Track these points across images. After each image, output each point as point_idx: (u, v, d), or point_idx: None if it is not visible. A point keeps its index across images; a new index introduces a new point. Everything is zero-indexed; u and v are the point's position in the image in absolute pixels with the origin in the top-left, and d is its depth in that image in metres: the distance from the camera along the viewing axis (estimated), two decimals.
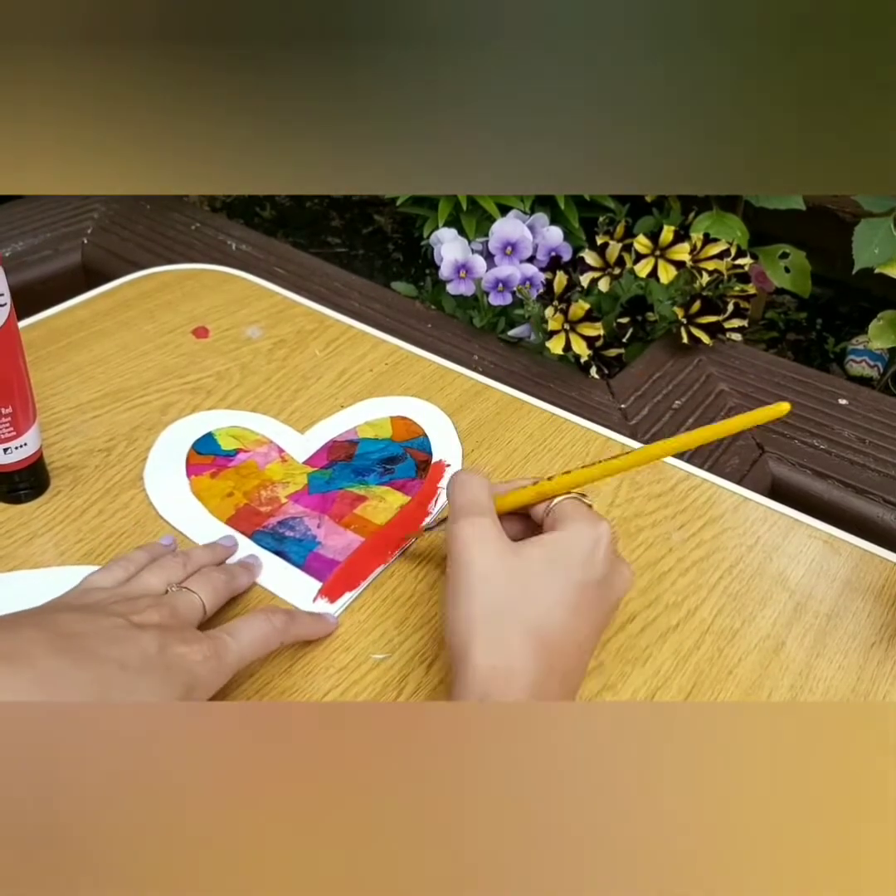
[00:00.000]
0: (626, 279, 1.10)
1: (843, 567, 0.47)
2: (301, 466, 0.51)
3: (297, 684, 0.40)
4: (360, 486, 0.49)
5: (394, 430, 0.53)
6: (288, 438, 0.53)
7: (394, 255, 1.72)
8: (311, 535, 0.46)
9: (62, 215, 1.35)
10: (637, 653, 0.42)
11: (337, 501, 0.48)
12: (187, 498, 0.48)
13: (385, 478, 0.50)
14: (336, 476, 0.50)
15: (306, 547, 0.46)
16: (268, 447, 0.52)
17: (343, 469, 0.51)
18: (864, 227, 1.15)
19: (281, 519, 0.47)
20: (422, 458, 0.52)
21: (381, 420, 0.54)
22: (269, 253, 1.29)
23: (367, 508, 0.48)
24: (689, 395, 1.02)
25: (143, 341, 0.61)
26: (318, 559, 0.45)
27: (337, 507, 0.48)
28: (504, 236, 1.13)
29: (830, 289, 1.60)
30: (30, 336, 0.60)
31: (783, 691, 0.41)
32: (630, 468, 0.39)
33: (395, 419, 0.54)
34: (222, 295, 0.67)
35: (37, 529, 0.46)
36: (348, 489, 0.49)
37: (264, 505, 0.48)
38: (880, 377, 1.35)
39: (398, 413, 0.55)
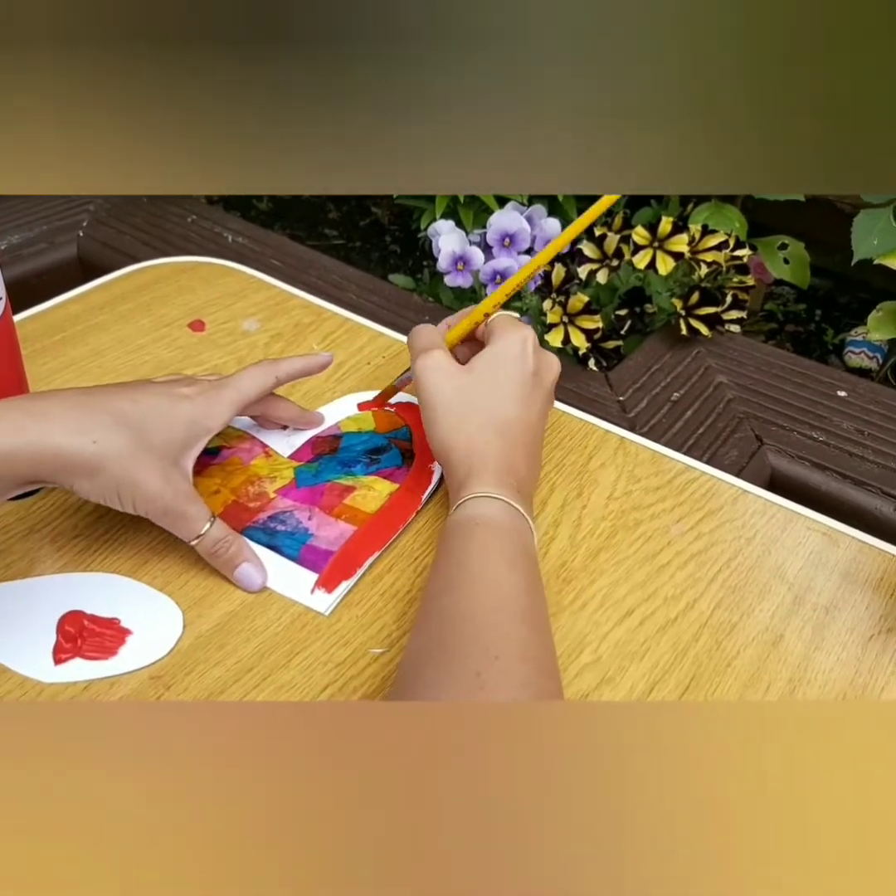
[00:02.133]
0: (624, 271, 1.10)
1: (842, 559, 0.47)
2: (286, 461, 0.51)
3: (294, 679, 0.40)
4: (348, 476, 0.49)
5: (376, 422, 0.53)
6: (270, 435, 0.52)
7: (391, 247, 1.71)
8: (302, 528, 0.46)
9: (58, 208, 1.35)
10: (635, 646, 0.42)
11: (326, 493, 0.48)
12: None
13: (372, 468, 0.50)
14: (323, 469, 0.50)
15: (299, 540, 0.46)
16: (251, 443, 0.52)
17: (329, 462, 0.50)
18: (863, 219, 1.15)
19: (271, 514, 0.47)
20: (406, 448, 0.52)
21: (362, 414, 0.54)
22: (266, 245, 1.28)
23: (356, 498, 0.48)
24: (688, 387, 1.02)
25: (140, 335, 0.61)
26: (311, 551, 0.45)
27: (326, 499, 0.48)
28: (502, 228, 1.13)
29: (829, 280, 1.60)
30: (25, 330, 0.60)
31: (781, 684, 0.41)
32: (547, 258, 0.48)
33: (376, 412, 0.54)
34: (219, 288, 0.66)
35: (34, 524, 0.46)
36: (336, 481, 0.49)
37: (253, 500, 0.48)
38: (879, 369, 1.35)
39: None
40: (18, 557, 0.44)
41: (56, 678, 0.39)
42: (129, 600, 0.42)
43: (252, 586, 0.43)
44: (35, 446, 0.37)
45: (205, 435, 0.44)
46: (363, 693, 0.39)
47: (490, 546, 0.39)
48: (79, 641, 0.40)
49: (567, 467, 0.52)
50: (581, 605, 0.44)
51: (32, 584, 0.43)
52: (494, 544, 0.40)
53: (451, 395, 0.45)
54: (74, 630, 0.41)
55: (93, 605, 0.42)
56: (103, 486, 0.39)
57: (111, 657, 0.40)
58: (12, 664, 0.39)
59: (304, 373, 0.50)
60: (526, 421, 0.45)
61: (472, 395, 0.45)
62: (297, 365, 0.49)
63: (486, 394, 0.45)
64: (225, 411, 0.44)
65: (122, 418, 0.40)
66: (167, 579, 0.44)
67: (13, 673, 0.39)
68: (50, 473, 0.38)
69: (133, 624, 0.41)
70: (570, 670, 0.41)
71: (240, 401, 0.45)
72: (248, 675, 0.40)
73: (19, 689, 0.39)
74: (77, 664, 0.39)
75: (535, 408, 0.46)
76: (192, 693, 0.39)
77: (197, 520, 0.42)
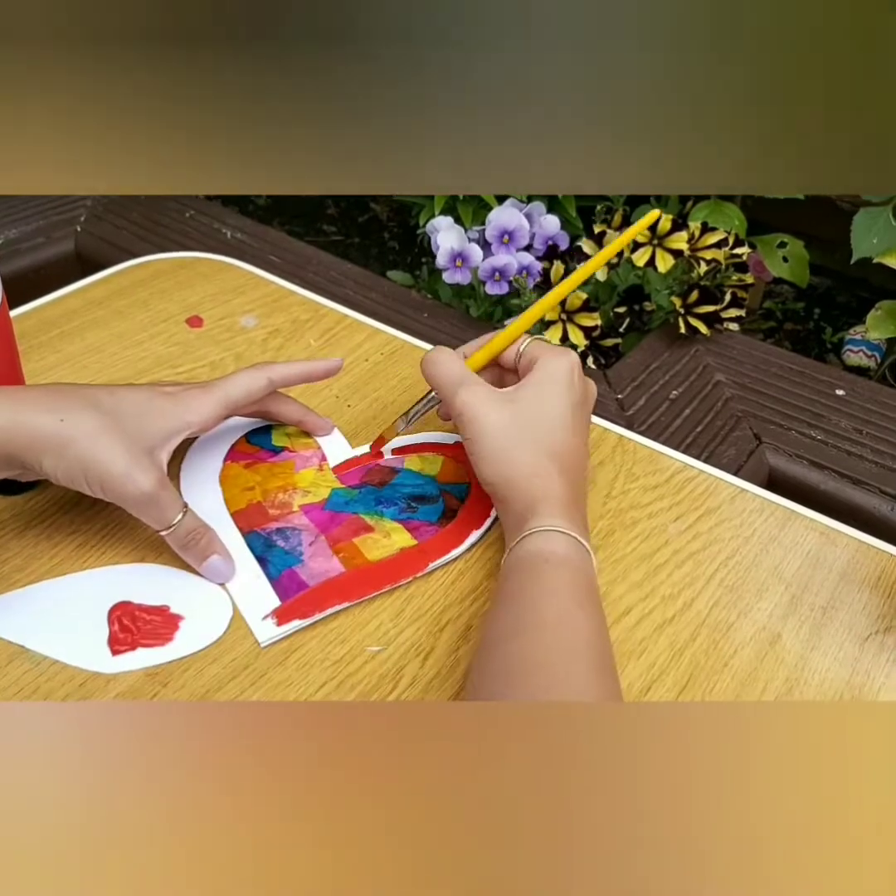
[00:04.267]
0: (623, 268, 1.10)
1: (839, 559, 0.47)
2: (332, 479, 0.49)
3: (291, 677, 0.40)
4: (374, 515, 0.47)
5: (442, 469, 0.51)
6: (337, 449, 0.51)
7: (390, 243, 1.71)
8: (298, 551, 0.45)
9: (55, 203, 1.34)
10: (632, 645, 0.42)
11: (344, 524, 0.46)
12: (212, 480, 0.48)
13: (403, 515, 0.47)
14: (359, 499, 0.48)
15: (288, 561, 0.44)
16: (312, 452, 0.51)
17: (369, 494, 0.48)
18: (862, 217, 1.15)
19: (281, 526, 0.46)
20: (454, 506, 0.48)
21: (434, 457, 0.51)
22: (264, 241, 1.28)
23: (366, 541, 0.46)
24: (686, 385, 1.01)
25: (137, 330, 0.61)
26: (292, 577, 0.43)
27: (340, 530, 0.46)
28: (501, 225, 1.13)
29: (828, 278, 1.60)
30: (22, 325, 0.59)
31: (778, 683, 0.41)
32: (574, 286, 0.47)
33: (447, 459, 0.51)
34: (217, 283, 0.66)
35: (29, 521, 0.46)
36: (362, 515, 0.47)
37: (275, 508, 0.47)
38: (877, 367, 1.35)
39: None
40: (13, 554, 0.44)
41: (117, 668, 0.39)
42: (175, 587, 0.43)
43: (219, 579, 0.43)
44: (7, 420, 0.38)
45: (184, 429, 0.43)
46: (360, 691, 0.39)
47: (561, 587, 0.38)
48: (134, 631, 0.40)
49: None
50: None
51: (76, 580, 0.43)
52: (565, 585, 0.38)
53: (502, 425, 0.43)
54: (128, 620, 0.41)
55: (140, 595, 0.42)
56: (70, 466, 0.39)
57: (168, 643, 0.40)
58: (70, 660, 0.40)
59: (303, 378, 0.48)
60: (577, 450, 0.44)
61: (523, 425, 0.43)
62: (293, 369, 0.48)
63: (537, 422, 0.43)
64: (207, 407, 0.43)
65: (95, 403, 0.40)
66: None
67: (72, 668, 0.39)
68: (20, 450, 0.38)
69: (183, 609, 0.42)
70: None
71: (226, 399, 0.44)
72: (245, 672, 0.40)
73: (72, 683, 0.39)
74: (136, 653, 0.40)
75: (583, 437, 0.45)
76: (189, 690, 0.39)
77: (169, 508, 0.41)
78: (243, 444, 0.51)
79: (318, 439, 0.52)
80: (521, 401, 0.43)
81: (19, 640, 0.40)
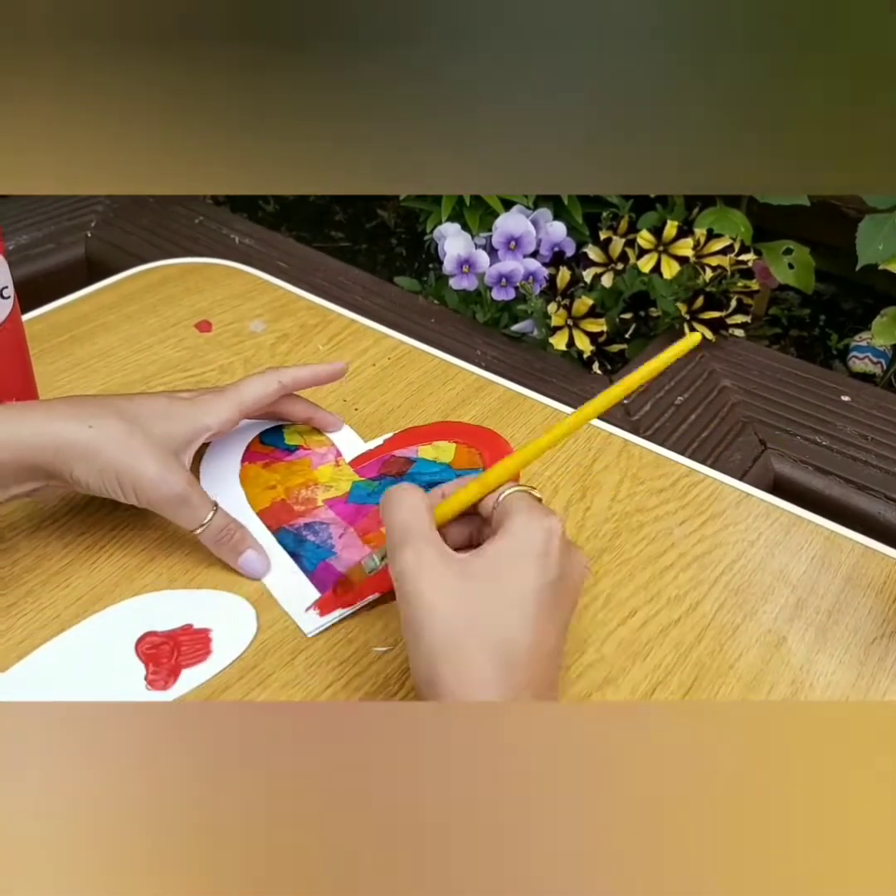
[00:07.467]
0: (629, 274, 1.10)
1: (845, 563, 0.47)
2: (351, 473, 0.50)
3: (298, 677, 0.40)
4: None
5: (456, 455, 0.51)
6: (350, 445, 0.52)
7: (397, 249, 1.71)
8: (329, 544, 0.46)
9: (66, 208, 1.35)
10: (638, 647, 0.42)
11: (369, 516, 0.47)
12: (233, 481, 0.49)
13: None
14: (380, 490, 0.49)
15: (321, 555, 0.45)
16: (327, 449, 0.52)
17: (389, 485, 0.49)
18: (868, 224, 1.15)
19: (309, 521, 0.47)
20: None
21: (446, 444, 0.52)
22: (273, 247, 1.29)
23: None
24: (692, 391, 1.02)
25: (147, 335, 0.61)
26: (327, 569, 0.44)
27: (366, 522, 0.47)
28: (507, 231, 1.13)
29: (834, 285, 1.60)
30: (33, 330, 0.60)
31: (784, 686, 0.41)
32: (563, 437, 0.38)
33: (460, 446, 0.52)
34: (225, 289, 0.67)
35: (41, 521, 0.46)
36: None
37: (300, 504, 0.48)
38: (883, 374, 1.35)
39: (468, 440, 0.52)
40: (25, 554, 0.45)
41: (173, 695, 0.39)
42: (189, 606, 0.43)
43: (256, 574, 0.43)
44: (35, 431, 0.39)
45: (203, 432, 0.44)
46: (366, 691, 0.39)
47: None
48: (169, 658, 0.40)
49: (571, 469, 0.52)
50: (585, 604, 0.44)
51: (92, 625, 0.42)
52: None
53: (444, 609, 0.33)
54: (157, 650, 0.40)
55: (161, 622, 0.42)
56: (102, 471, 0.39)
57: (209, 656, 0.40)
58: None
59: (311, 381, 0.49)
60: (539, 649, 0.33)
61: (473, 612, 0.33)
62: (302, 372, 0.49)
63: (490, 611, 0.33)
64: (223, 411, 0.44)
65: (118, 410, 0.41)
66: (173, 576, 0.44)
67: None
68: (50, 460, 0.39)
69: (207, 623, 0.42)
70: (573, 669, 0.41)
71: (241, 402, 0.45)
72: (252, 672, 0.40)
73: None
74: (181, 678, 0.39)
75: (553, 631, 0.34)
76: (196, 690, 0.39)
77: (200, 507, 0.42)
78: (257, 444, 0.52)
79: (331, 436, 0.53)
80: (475, 577, 0.33)
81: (56, 698, 0.38)
